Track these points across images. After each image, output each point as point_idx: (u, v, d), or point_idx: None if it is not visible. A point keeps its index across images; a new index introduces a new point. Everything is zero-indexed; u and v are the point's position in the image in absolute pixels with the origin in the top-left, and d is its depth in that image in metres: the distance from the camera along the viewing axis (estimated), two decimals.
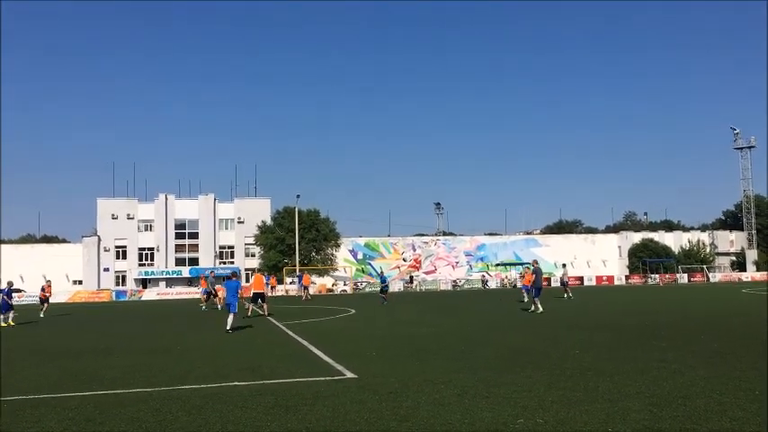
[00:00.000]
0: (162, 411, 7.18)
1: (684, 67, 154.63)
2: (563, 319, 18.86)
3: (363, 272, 74.65)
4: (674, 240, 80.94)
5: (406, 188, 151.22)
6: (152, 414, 7.07)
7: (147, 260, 71.58)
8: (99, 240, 70.29)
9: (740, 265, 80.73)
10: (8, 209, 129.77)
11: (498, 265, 76.51)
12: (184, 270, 69.42)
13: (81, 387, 8.96)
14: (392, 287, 62.31)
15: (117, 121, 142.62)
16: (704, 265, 74.87)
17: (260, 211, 71.17)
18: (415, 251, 78.75)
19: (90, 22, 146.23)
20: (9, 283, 24.38)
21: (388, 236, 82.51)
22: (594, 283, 66.53)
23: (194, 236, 72.60)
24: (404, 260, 78.09)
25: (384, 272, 47.68)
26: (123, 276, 70.31)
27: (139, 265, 70.97)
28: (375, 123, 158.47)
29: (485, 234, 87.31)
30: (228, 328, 17.12)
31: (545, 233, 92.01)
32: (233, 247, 73.17)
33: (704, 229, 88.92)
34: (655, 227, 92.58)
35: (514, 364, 9.87)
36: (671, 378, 8.35)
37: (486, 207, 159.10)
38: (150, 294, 59.52)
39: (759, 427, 5.91)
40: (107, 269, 70.10)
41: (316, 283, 59.72)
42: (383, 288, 33.79)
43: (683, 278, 69.14)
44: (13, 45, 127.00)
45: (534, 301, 22.26)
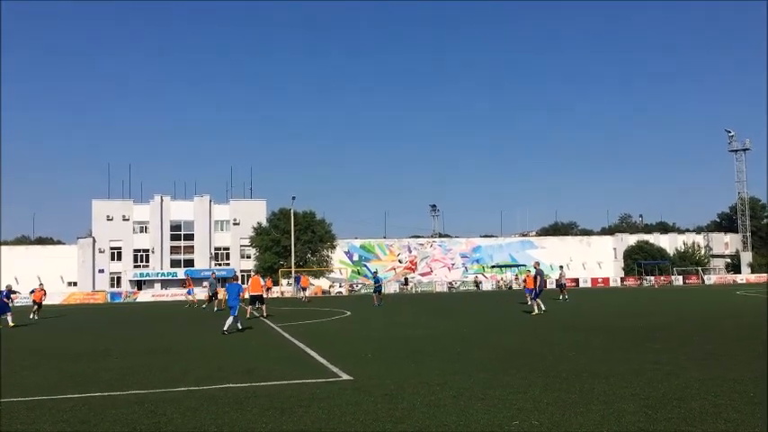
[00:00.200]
0: (157, 413, 7.17)
1: (681, 69, 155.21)
2: (558, 321, 18.88)
3: (359, 273, 74.61)
4: (669, 242, 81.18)
5: (402, 190, 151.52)
6: (147, 416, 7.05)
7: (143, 262, 71.39)
8: (94, 242, 70.09)
9: (735, 267, 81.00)
10: (3, 210, 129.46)
11: (494, 266, 76.56)
12: (179, 272, 69.20)
13: (76, 389, 8.94)
14: (388, 289, 62.53)
15: (112, 122, 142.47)
16: (699, 267, 75.13)
17: (255, 212, 71.11)
18: (410, 253, 78.76)
19: (86, 23, 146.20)
20: (8, 287, 25.00)
21: (384, 237, 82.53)
22: (590, 284, 66.68)
23: (189, 237, 72.46)
24: (399, 262, 78.09)
25: (378, 273, 47.54)
26: (118, 278, 70.08)
27: (134, 266, 70.77)
28: (371, 125, 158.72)
29: (480, 236, 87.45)
30: (225, 329, 17.08)
31: (541, 235, 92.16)
32: (228, 248, 73.04)
33: (699, 231, 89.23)
34: (650, 229, 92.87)
35: (510, 366, 9.89)
36: (666, 380, 8.37)
37: (482, 209, 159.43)
38: (145, 296, 59.44)
39: (754, 428, 5.92)
40: (102, 271, 69.87)
41: (314, 285, 59.73)
42: (376, 288, 33.93)
43: (678, 280, 69.35)
44: (10, 45, 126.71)
45: (536, 302, 22.17)
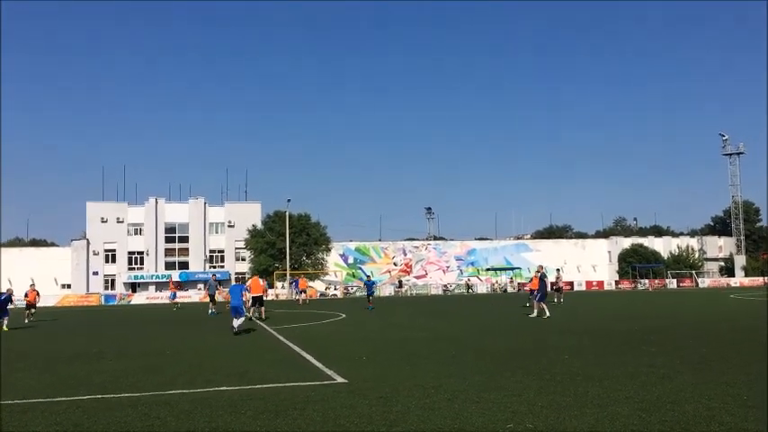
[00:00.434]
0: (150, 416, 7.14)
1: (676, 72, 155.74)
2: (553, 324, 18.92)
3: (354, 276, 74.57)
4: (663, 246, 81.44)
5: (398, 193, 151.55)
6: (140, 419, 7.03)
7: (137, 264, 71.22)
8: (88, 244, 69.88)
9: (729, 270, 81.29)
10: None
11: (489, 269, 76.66)
12: (174, 274, 68.98)
13: (70, 392, 8.90)
14: (383, 292, 62.52)
15: (107, 123, 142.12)
16: (693, 271, 75.39)
17: (250, 215, 71.04)
18: (405, 256, 78.78)
19: (80, 23, 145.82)
20: (8, 290, 24.98)
21: (379, 240, 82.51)
22: (584, 288, 66.84)
23: (184, 240, 72.32)
24: (394, 264, 78.10)
25: (371, 276, 47.25)
26: (112, 280, 69.89)
27: (129, 268, 70.60)
28: (367, 127, 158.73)
29: (475, 239, 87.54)
30: (235, 329, 17.48)
31: (535, 238, 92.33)
32: (223, 251, 72.92)
33: (693, 234, 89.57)
34: (644, 232, 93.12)
35: (505, 369, 9.89)
36: (660, 383, 8.39)
37: (477, 212, 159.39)
38: (140, 298, 59.28)
39: None
40: (96, 273, 69.66)
41: (312, 287, 59.75)
42: (369, 293, 33.48)
43: (672, 283, 69.58)
44: (5, 46, 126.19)
45: (539, 305, 22.10)
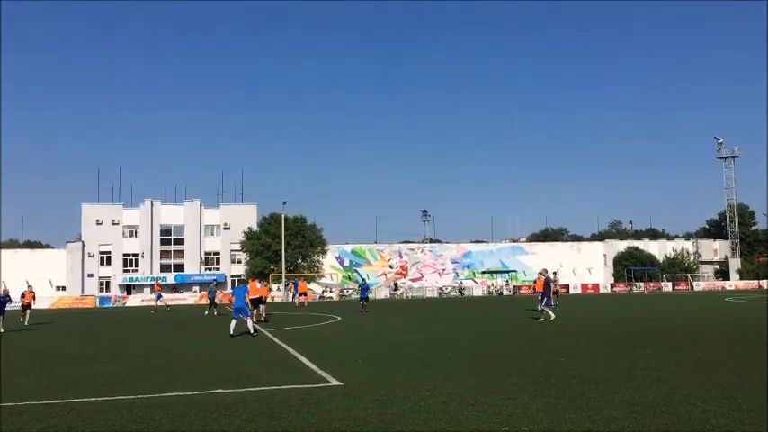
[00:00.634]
0: (145, 419, 7.12)
1: (675, 74, 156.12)
2: (549, 327, 18.95)
3: (350, 279, 74.49)
4: (658, 249, 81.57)
5: (394, 195, 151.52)
6: (134, 421, 7.00)
7: (132, 266, 70.97)
8: (83, 246, 69.62)
9: (723, 273, 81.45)
10: None
11: (484, 272, 76.69)
12: (170, 276, 68.86)
13: (64, 394, 8.87)
14: (379, 294, 62.43)
15: (102, 125, 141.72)
16: (688, 274, 75.54)
17: (246, 217, 70.91)
18: (401, 258, 78.74)
19: (74, 23, 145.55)
20: (5, 291, 24.89)
21: (375, 243, 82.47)
22: (580, 290, 66.87)
23: (180, 242, 72.10)
24: (390, 267, 78.05)
25: (366, 279, 47.00)
26: (107, 282, 69.60)
27: (124, 270, 70.34)
28: (362, 129, 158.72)
29: (471, 241, 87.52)
30: (233, 331, 17.56)
31: (531, 241, 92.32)
32: (219, 253, 72.71)
33: (688, 237, 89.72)
34: (639, 235, 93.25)
35: (500, 372, 9.90)
36: (654, 386, 8.40)
37: (473, 214, 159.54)
38: (135, 301, 59.05)
39: None
40: (91, 275, 69.40)
41: (311, 290, 59.75)
42: (362, 296, 32.75)
43: (667, 286, 69.67)
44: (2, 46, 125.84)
45: (544, 310, 22.10)
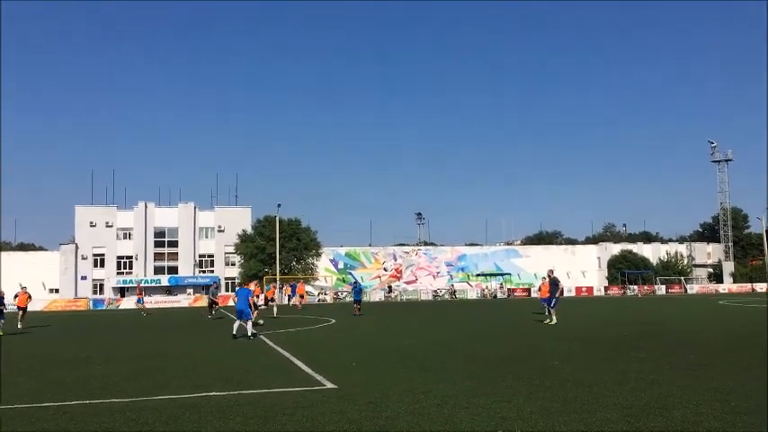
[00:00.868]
0: (138, 422, 7.09)
1: (669, 78, 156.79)
2: (544, 330, 18.98)
3: (344, 281, 74.42)
4: (652, 252, 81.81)
5: (388, 198, 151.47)
6: (128, 424, 6.97)
7: (126, 268, 70.72)
8: (76, 248, 69.35)
9: (717, 276, 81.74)
10: None
11: (479, 275, 76.80)
12: (163, 278, 68.68)
13: (58, 397, 8.83)
14: (373, 297, 62.39)
15: (96, 127, 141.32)
16: (682, 277, 75.77)
17: (240, 219, 70.76)
18: (396, 261, 78.71)
19: (69, 23, 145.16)
20: (0, 293, 24.69)
21: (370, 245, 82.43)
22: (574, 294, 67.00)
23: (174, 244, 71.89)
24: (384, 270, 78.02)
25: (359, 282, 46.88)
26: (101, 285, 69.35)
27: (118, 273, 70.08)
28: (358, 131, 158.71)
29: (465, 244, 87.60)
30: (249, 334, 17.75)
31: (525, 244, 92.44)
32: (213, 255, 72.54)
33: (682, 241, 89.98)
34: (633, 238, 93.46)
35: (495, 375, 9.90)
36: (648, 389, 8.42)
37: (468, 217, 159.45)
38: (128, 303, 58.79)
39: None
40: (85, 277, 69.12)
41: (311, 293, 59.84)
42: (356, 298, 32.54)
43: (661, 289, 69.89)
44: None
45: (550, 312, 22.08)
